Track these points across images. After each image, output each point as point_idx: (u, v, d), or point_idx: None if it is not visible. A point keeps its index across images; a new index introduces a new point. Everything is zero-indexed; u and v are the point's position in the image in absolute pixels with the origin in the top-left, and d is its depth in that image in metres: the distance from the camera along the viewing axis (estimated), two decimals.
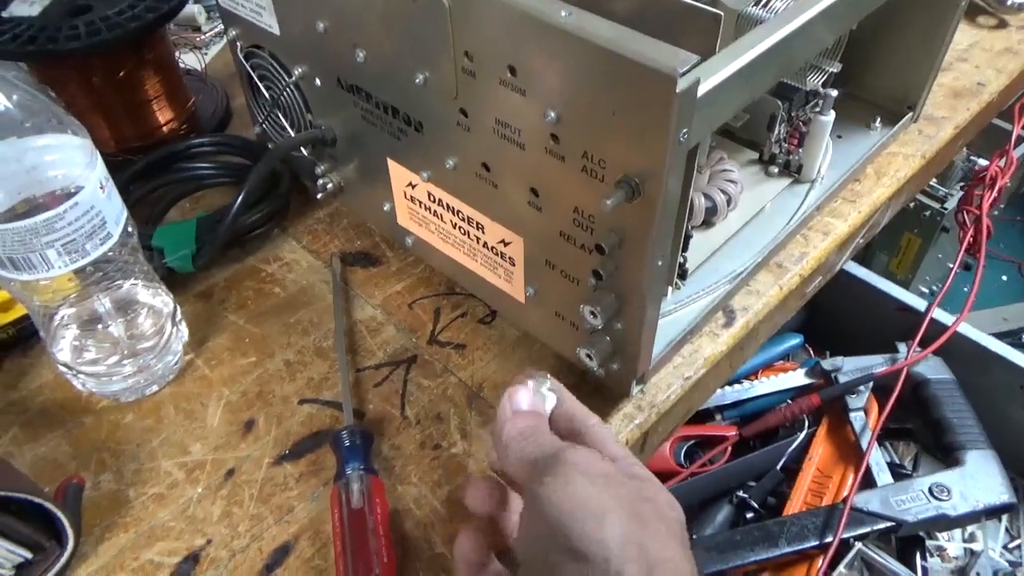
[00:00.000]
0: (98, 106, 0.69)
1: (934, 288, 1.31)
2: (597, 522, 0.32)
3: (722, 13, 0.38)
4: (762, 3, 0.55)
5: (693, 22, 0.40)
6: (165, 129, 0.74)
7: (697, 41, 0.40)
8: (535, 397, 0.38)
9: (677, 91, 0.34)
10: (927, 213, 1.23)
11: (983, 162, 1.03)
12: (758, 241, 0.59)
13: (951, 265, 0.98)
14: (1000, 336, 1.47)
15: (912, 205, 1.23)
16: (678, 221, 0.46)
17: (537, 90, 0.41)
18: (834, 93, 0.59)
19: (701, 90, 0.36)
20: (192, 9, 0.89)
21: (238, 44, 0.63)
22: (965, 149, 1.32)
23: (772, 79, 0.44)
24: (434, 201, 0.54)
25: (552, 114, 0.41)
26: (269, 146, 0.68)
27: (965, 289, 1.60)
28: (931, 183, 1.25)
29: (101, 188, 0.46)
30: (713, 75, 0.38)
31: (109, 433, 0.52)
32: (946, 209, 1.20)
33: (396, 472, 0.49)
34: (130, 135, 0.72)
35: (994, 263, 1.71)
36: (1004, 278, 1.70)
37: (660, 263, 0.43)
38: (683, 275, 0.54)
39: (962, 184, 1.21)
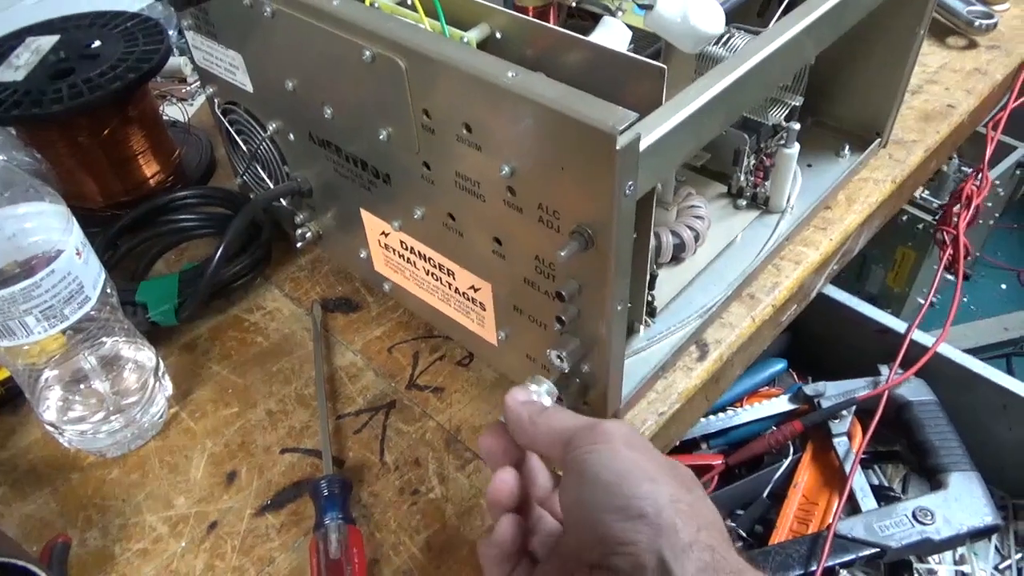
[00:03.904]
0: (84, 164, 0.71)
1: (933, 300, 1.31)
2: (650, 482, 0.34)
3: (665, 67, 0.39)
4: (722, 41, 0.56)
5: (640, 74, 0.41)
6: (152, 182, 0.76)
7: (644, 91, 0.41)
8: (534, 396, 0.42)
9: (617, 148, 0.35)
10: (920, 226, 1.22)
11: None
12: (729, 273, 0.60)
13: (949, 277, 0.98)
14: (1001, 345, 1.47)
15: (905, 218, 1.23)
16: (640, 263, 0.47)
17: (491, 146, 0.42)
18: (796, 126, 0.60)
19: (643, 144, 0.38)
20: (177, 61, 0.91)
21: (215, 100, 0.64)
22: (957, 159, 1.32)
23: (720, 126, 0.45)
24: (407, 249, 0.56)
25: (507, 168, 0.42)
26: (251, 196, 0.69)
27: (965, 300, 1.60)
28: (923, 195, 1.25)
29: (78, 253, 0.48)
30: (656, 128, 0.39)
31: (95, 489, 0.53)
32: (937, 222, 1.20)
33: (375, 519, 0.50)
34: (117, 190, 0.74)
35: (993, 272, 1.70)
36: (1003, 286, 1.69)
37: (620, 308, 0.44)
38: (652, 313, 0.55)
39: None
